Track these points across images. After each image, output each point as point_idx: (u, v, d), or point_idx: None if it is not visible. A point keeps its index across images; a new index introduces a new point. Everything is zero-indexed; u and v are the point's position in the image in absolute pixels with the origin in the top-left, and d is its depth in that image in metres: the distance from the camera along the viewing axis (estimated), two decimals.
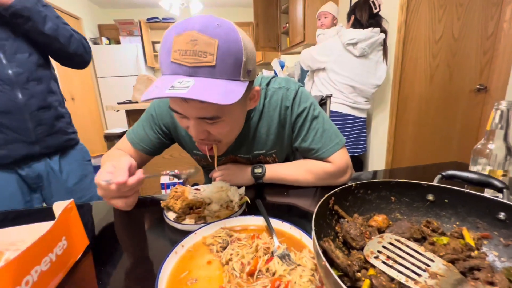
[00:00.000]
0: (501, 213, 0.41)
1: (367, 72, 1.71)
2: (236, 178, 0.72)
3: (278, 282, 0.34)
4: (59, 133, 0.98)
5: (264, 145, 0.73)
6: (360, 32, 1.60)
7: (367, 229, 0.44)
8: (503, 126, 0.50)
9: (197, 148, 0.65)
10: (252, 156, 0.75)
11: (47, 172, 0.97)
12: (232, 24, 0.47)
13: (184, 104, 0.49)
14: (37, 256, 0.34)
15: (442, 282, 0.30)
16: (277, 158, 0.77)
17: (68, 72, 3.43)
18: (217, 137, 0.57)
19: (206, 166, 0.85)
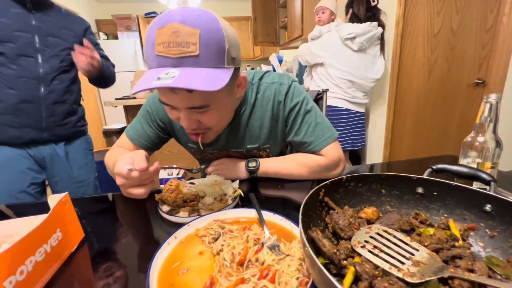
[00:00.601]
0: (487, 205, 0.42)
1: (365, 66, 1.71)
2: (230, 172, 0.73)
3: (266, 271, 0.35)
4: (68, 125, 1.15)
5: (257, 139, 0.73)
6: (358, 27, 1.59)
7: (357, 220, 0.45)
8: (492, 119, 0.50)
9: (192, 140, 0.67)
10: (245, 151, 0.75)
11: (51, 155, 1.13)
12: (212, 13, 0.48)
13: (172, 95, 0.50)
14: (31, 247, 0.35)
15: (424, 270, 0.31)
16: (271, 153, 0.78)
17: None
18: (208, 125, 0.59)
19: (201, 159, 0.86)
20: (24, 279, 0.33)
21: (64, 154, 1.15)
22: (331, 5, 2.04)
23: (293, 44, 3.05)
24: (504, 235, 0.40)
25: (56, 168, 1.15)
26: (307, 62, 1.88)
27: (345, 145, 1.84)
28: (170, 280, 0.36)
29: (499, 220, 0.41)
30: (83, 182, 1.23)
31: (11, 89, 0.98)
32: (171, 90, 0.49)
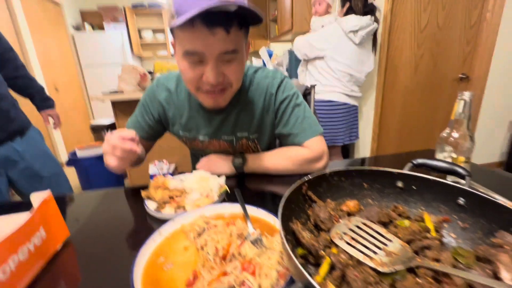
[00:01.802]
0: (460, 198, 0.44)
1: (362, 60, 1.71)
2: (217, 167, 0.74)
3: (248, 264, 0.37)
4: (17, 118, 1.11)
5: (248, 128, 0.76)
6: (362, 19, 1.57)
7: (338, 213, 0.47)
8: (466, 115, 0.52)
9: (186, 127, 0.76)
10: (235, 138, 0.78)
11: (12, 153, 1.07)
12: None
13: (210, 38, 0.52)
14: (14, 246, 0.35)
15: (394, 260, 0.33)
16: (259, 145, 0.80)
17: (51, 61, 3.30)
18: (230, 80, 0.61)
19: (192, 149, 0.86)
20: (6, 278, 0.33)
21: (23, 149, 1.10)
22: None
23: (283, 38, 3.03)
24: (475, 227, 0.42)
25: (19, 166, 1.09)
26: (305, 56, 1.82)
27: (344, 138, 1.83)
28: (155, 275, 0.37)
29: (470, 213, 0.43)
30: (49, 173, 1.18)
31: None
32: (210, 33, 0.52)
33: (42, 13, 3.24)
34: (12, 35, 2.71)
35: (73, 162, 2.18)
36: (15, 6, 2.70)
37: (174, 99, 0.77)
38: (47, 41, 3.26)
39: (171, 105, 0.77)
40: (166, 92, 0.76)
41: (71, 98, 3.69)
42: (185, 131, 0.79)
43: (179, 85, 0.77)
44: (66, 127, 3.46)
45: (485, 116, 2.31)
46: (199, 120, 0.76)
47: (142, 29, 4.70)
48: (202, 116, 0.75)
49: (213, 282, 0.35)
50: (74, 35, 3.90)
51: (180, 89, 0.77)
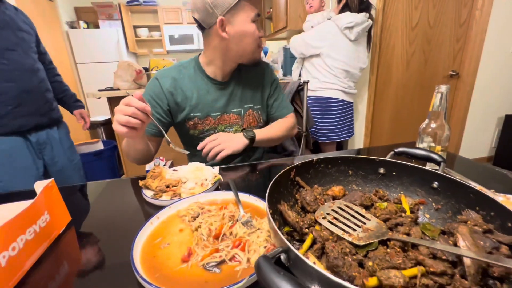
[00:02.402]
0: (435, 182, 0.48)
1: (357, 56, 1.73)
2: (233, 141, 0.82)
3: (238, 241, 0.40)
4: (56, 109, 1.32)
5: (252, 100, 0.92)
6: (356, 16, 1.59)
7: (324, 197, 0.50)
8: (443, 107, 0.56)
9: (196, 108, 0.85)
10: (243, 110, 0.91)
11: (49, 139, 1.27)
12: None
13: (258, 5, 0.75)
14: (21, 226, 0.38)
15: (370, 235, 0.37)
16: (261, 116, 0.96)
17: None
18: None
19: (199, 133, 0.89)
20: (16, 254, 0.36)
21: (58, 137, 1.31)
22: None
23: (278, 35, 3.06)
24: (446, 208, 0.46)
25: (55, 151, 1.29)
26: (302, 54, 1.84)
27: (341, 134, 1.86)
28: (152, 253, 0.41)
29: (443, 195, 0.47)
30: (73, 161, 1.42)
31: (9, 82, 1.07)
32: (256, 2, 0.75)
33: (36, 10, 3.22)
34: None
35: None
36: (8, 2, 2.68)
37: (180, 85, 0.84)
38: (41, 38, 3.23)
39: (178, 91, 0.83)
40: (171, 80, 0.83)
41: None
42: (196, 112, 0.85)
43: (181, 71, 0.85)
44: None
45: (475, 112, 2.37)
46: (209, 98, 0.86)
47: (137, 26, 4.68)
48: (213, 94, 0.86)
49: (206, 257, 0.38)
50: (68, 32, 3.87)
51: (183, 75, 0.85)
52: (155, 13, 4.68)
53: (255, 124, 0.95)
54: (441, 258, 0.32)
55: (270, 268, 0.22)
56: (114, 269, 0.41)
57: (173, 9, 4.63)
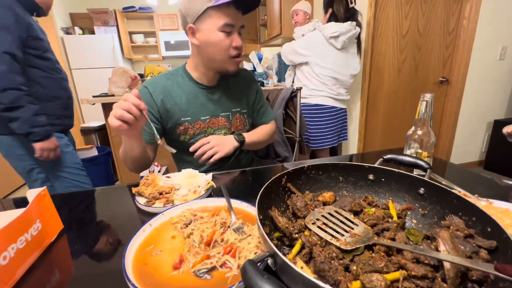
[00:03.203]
0: (421, 188, 0.50)
1: (347, 63, 1.77)
2: (225, 145, 0.85)
3: (229, 248, 0.41)
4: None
5: (239, 104, 0.95)
6: (341, 26, 1.65)
7: (314, 202, 0.52)
8: (428, 115, 0.58)
9: (186, 113, 0.87)
10: (231, 114, 0.94)
11: (72, 141, 1.47)
12: None
13: (237, 15, 0.77)
14: (13, 235, 0.39)
15: (357, 240, 0.38)
16: (247, 120, 0.99)
17: None
18: (242, 48, 0.83)
19: (190, 138, 0.90)
20: (7, 263, 0.36)
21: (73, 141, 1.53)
22: (303, 7, 2.12)
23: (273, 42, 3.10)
24: (432, 213, 0.47)
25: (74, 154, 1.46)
26: (291, 62, 1.90)
27: (332, 140, 1.89)
28: (144, 260, 0.41)
29: (429, 201, 0.49)
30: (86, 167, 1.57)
31: (61, 89, 1.28)
32: (236, 12, 0.77)
33: None
34: None
35: None
36: None
37: (169, 91, 0.86)
38: None
39: (168, 97, 0.86)
40: (160, 87, 0.86)
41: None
42: (186, 117, 0.87)
43: (169, 79, 0.88)
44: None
45: (465, 117, 2.42)
46: (198, 102, 0.88)
47: (133, 32, 4.70)
48: (201, 99, 0.89)
49: (197, 264, 0.39)
50: (63, 38, 3.87)
51: (172, 82, 0.87)
52: (151, 20, 4.70)
53: (242, 127, 0.97)
54: (424, 262, 0.33)
55: (255, 272, 0.23)
56: (106, 277, 0.41)
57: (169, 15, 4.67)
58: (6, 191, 2.59)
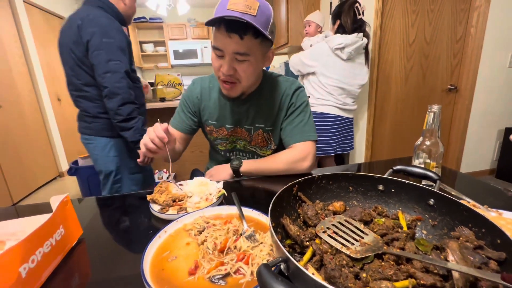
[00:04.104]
0: (431, 199, 0.50)
1: (353, 73, 1.80)
2: (219, 174, 0.86)
3: (242, 255, 0.42)
4: None
5: (265, 121, 0.91)
6: (347, 37, 1.68)
7: (325, 212, 0.53)
8: (436, 125, 0.59)
9: (214, 117, 0.91)
10: (253, 128, 0.92)
11: None
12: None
13: (227, 39, 0.69)
14: (40, 240, 0.41)
15: (367, 248, 0.39)
16: (271, 137, 0.93)
17: (56, 74, 3.39)
18: (240, 76, 0.76)
19: (217, 138, 0.96)
20: (34, 267, 0.39)
21: None
22: (316, 19, 2.16)
23: (280, 51, 3.15)
24: (442, 224, 0.48)
25: None
26: (299, 72, 1.96)
27: (336, 149, 1.91)
28: (161, 265, 0.43)
29: (439, 212, 0.49)
30: None
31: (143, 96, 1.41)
32: (228, 36, 0.69)
33: (47, 27, 3.36)
34: (18, 48, 2.80)
35: (75, 171, 2.22)
36: (22, 21, 2.81)
37: (206, 94, 0.93)
38: (51, 54, 3.36)
39: (204, 99, 0.93)
40: (200, 88, 0.93)
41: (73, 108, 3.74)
42: (213, 121, 0.93)
43: (211, 82, 0.93)
44: (67, 136, 3.51)
45: (474, 125, 2.39)
46: (226, 111, 0.91)
47: (143, 42, 4.84)
48: (229, 108, 0.90)
49: (212, 270, 0.40)
50: None
51: (212, 86, 0.93)
52: (161, 29, 4.84)
53: (264, 145, 0.94)
54: (433, 272, 0.34)
55: (269, 275, 0.25)
56: (123, 282, 0.43)
57: (178, 25, 4.80)
58: (20, 195, 2.66)
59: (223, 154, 1.00)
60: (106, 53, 1.13)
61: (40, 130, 3.05)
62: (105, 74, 1.13)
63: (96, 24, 1.12)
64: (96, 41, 1.12)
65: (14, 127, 2.65)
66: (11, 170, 2.54)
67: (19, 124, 2.71)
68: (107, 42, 1.13)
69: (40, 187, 2.97)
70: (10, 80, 2.64)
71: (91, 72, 1.19)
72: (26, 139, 2.80)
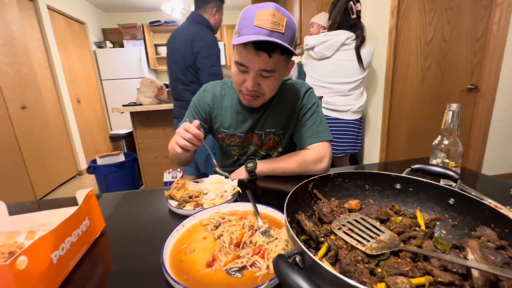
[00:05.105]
0: (451, 199, 0.49)
1: (331, 71, 1.76)
2: (238, 175, 0.88)
3: (258, 249, 0.43)
4: None
5: (276, 126, 0.91)
6: (313, 38, 1.75)
7: (340, 209, 0.53)
8: (455, 124, 0.58)
9: (226, 126, 0.91)
10: (264, 133, 0.92)
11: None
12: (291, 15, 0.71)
13: (255, 57, 0.69)
14: (68, 230, 0.44)
15: (383, 246, 0.39)
16: (282, 140, 0.93)
17: (75, 75, 3.55)
18: (264, 91, 0.77)
19: (228, 145, 0.96)
20: (64, 254, 0.41)
21: None
22: (318, 20, 2.18)
23: None
24: (462, 224, 0.47)
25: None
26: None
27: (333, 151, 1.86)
28: (180, 257, 0.44)
29: (459, 212, 0.48)
30: None
31: None
32: (256, 54, 0.68)
33: (69, 32, 3.52)
34: (42, 52, 2.95)
35: (94, 169, 2.31)
36: (46, 26, 2.96)
37: (218, 102, 0.92)
38: (72, 57, 3.52)
39: (215, 107, 0.92)
40: (212, 95, 0.92)
41: (91, 110, 3.92)
42: (225, 129, 0.92)
43: (223, 90, 0.93)
44: (86, 136, 3.65)
45: (497, 126, 2.29)
46: (238, 120, 0.91)
47: (158, 45, 4.97)
48: (241, 117, 0.90)
49: (229, 263, 0.42)
50: (96, 51, 4.17)
51: (224, 93, 0.92)
52: None
53: (275, 148, 0.95)
54: (452, 271, 0.33)
55: (285, 264, 0.25)
56: (144, 272, 0.45)
57: None
58: (42, 192, 2.79)
59: (235, 158, 1.00)
60: (211, 61, 1.60)
61: (61, 130, 3.20)
62: (209, 76, 1.60)
63: (204, 39, 1.60)
64: (204, 52, 1.58)
65: (38, 127, 2.78)
66: (35, 168, 2.67)
67: (42, 124, 2.85)
68: (211, 53, 1.61)
69: (61, 185, 3.11)
70: (34, 83, 2.79)
71: (196, 74, 1.66)
72: (48, 138, 2.94)
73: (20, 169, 2.50)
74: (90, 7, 4.20)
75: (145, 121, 2.17)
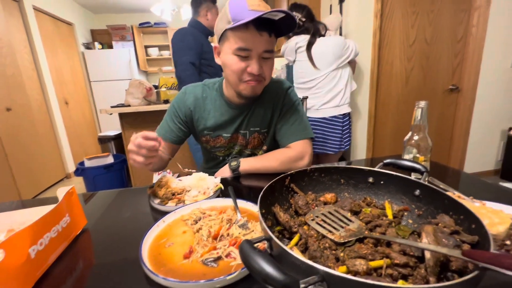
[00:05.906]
0: (417, 190, 0.52)
1: (297, 72, 1.87)
2: (222, 173, 0.88)
3: (234, 241, 0.45)
4: None
5: (260, 124, 0.92)
6: (283, 46, 1.89)
7: (316, 202, 0.55)
8: (423, 121, 0.61)
9: (210, 128, 0.90)
10: (249, 132, 0.93)
11: None
12: None
13: (258, 37, 0.70)
14: (47, 225, 0.45)
15: (350, 234, 0.42)
16: (266, 138, 0.95)
17: (63, 78, 3.49)
18: (265, 75, 0.78)
19: (213, 147, 0.96)
20: (43, 249, 0.42)
21: None
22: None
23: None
24: (426, 213, 0.50)
25: None
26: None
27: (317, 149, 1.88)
28: (158, 251, 0.46)
29: (424, 202, 0.51)
30: None
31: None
32: (259, 34, 0.70)
33: (56, 33, 3.46)
34: (28, 54, 2.90)
35: (81, 171, 2.28)
36: (31, 27, 2.91)
37: (200, 105, 0.91)
38: (59, 59, 3.46)
39: (197, 110, 0.90)
40: (193, 98, 0.90)
41: (79, 112, 3.86)
42: (209, 131, 0.92)
43: (204, 92, 0.91)
44: (74, 138, 3.60)
45: (477, 125, 2.38)
46: (223, 120, 0.90)
47: (148, 46, 4.94)
48: (225, 116, 0.90)
49: (205, 254, 0.43)
50: (84, 52, 4.12)
51: (205, 96, 0.91)
52: (165, 34, 4.94)
53: (260, 146, 0.97)
54: (409, 254, 0.36)
55: (249, 247, 0.27)
56: (123, 266, 0.46)
57: None
58: (29, 196, 2.74)
59: (220, 159, 1.00)
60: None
61: (48, 132, 3.14)
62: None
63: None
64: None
65: (24, 130, 2.73)
66: (21, 171, 2.62)
67: (28, 126, 2.80)
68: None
69: (48, 188, 3.05)
70: (20, 84, 2.73)
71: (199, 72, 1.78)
72: (35, 141, 2.88)
73: (4, 172, 2.45)
74: (78, 8, 4.15)
75: (133, 122, 2.16)
